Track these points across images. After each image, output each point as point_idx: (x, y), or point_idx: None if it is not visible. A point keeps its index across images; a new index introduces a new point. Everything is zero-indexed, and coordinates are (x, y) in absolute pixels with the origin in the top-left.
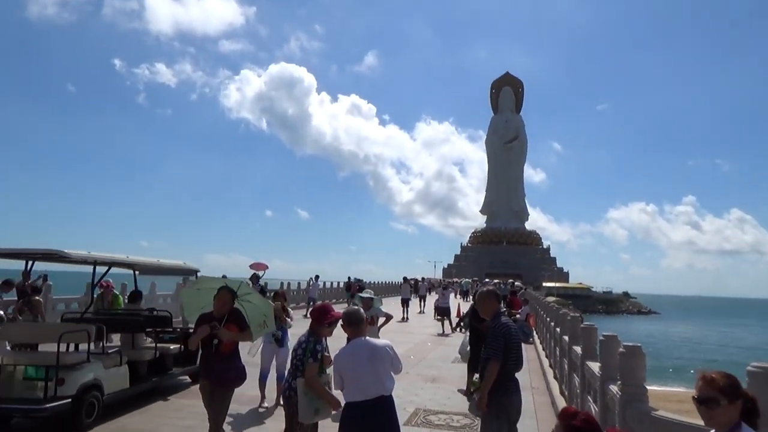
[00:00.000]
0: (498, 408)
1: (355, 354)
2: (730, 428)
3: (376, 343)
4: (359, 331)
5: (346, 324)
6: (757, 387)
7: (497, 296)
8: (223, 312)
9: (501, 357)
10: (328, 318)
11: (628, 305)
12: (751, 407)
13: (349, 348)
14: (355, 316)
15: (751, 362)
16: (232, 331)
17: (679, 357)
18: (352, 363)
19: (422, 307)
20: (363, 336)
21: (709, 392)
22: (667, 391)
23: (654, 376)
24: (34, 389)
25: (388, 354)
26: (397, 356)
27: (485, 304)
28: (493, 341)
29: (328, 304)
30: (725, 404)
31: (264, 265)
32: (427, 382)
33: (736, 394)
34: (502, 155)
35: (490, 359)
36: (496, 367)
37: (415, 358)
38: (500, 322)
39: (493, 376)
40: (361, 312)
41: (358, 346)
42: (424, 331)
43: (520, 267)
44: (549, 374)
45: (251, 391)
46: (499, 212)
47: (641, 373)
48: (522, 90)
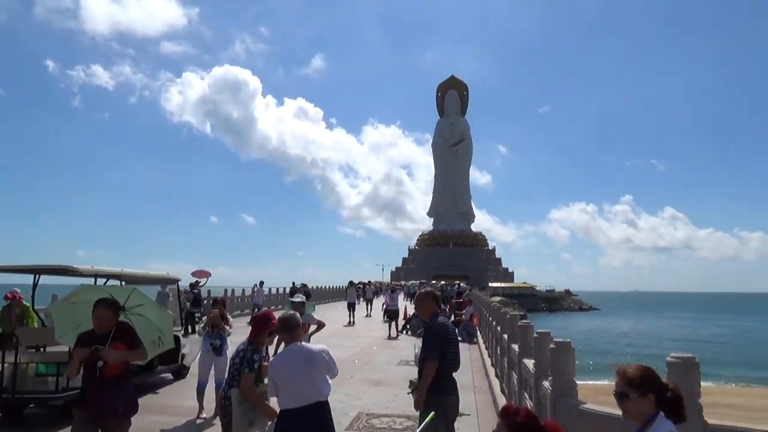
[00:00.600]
0: (435, 407)
1: (290, 360)
2: (645, 421)
3: (312, 349)
4: (295, 337)
5: (280, 329)
6: (676, 376)
7: (435, 297)
8: (106, 328)
9: (438, 356)
10: (269, 327)
11: (570, 302)
12: (671, 397)
13: (283, 354)
14: (291, 321)
15: (671, 353)
16: (120, 351)
17: (618, 351)
18: (287, 369)
19: (369, 311)
20: (299, 341)
21: (621, 386)
22: (606, 385)
23: (595, 370)
24: (45, 383)
25: (324, 359)
26: (333, 361)
27: (423, 306)
28: (430, 341)
29: (270, 312)
30: (635, 397)
31: (206, 273)
32: (371, 385)
33: (648, 387)
34: (448, 158)
35: (428, 359)
36: (434, 366)
37: (360, 362)
38: (437, 321)
39: (430, 375)
40: (297, 317)
41: (293, 351)
42: (370, 335)
43: (467, 268)
44: (491, 373)
45: (189, 402)
46: (446, 215)
47: (571, 368)
48: (467, 93)
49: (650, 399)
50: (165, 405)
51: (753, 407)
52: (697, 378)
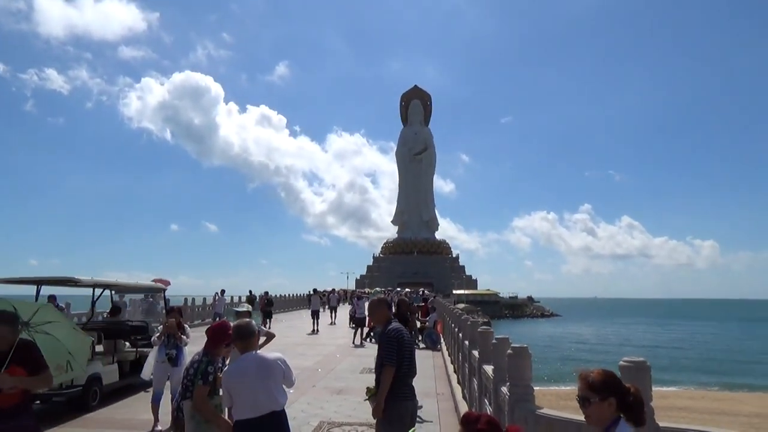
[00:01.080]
0: (392, 414)
1: (245, 369)
2: (607, 425)
3: (267, 357)
4: (249, 346)
5: (235, 337)
6: (628, 379)
7: (387, 304)
8: (3, 348)
9: (395, 362)
10: (226, 338)
11: (533, 309)
12: (632, 401)
13: (238, 364)
14: (245, 330)
15: (624, 357)
16: (18, 375)
17: (579, 357)
18: (242, 379)
19: (333, 319)
20: (254, 350)
21: (583, 390)
22: (568, 390)
23: (557, 376)
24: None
25: (280, 368)
26: (290, 369)
27: (376, 312)
28: (386, 347)
29: (226, 321)
30: (596, 401)
31: (165, 282)
32: (334, 394)
33: (609, 391)
34: (412, 167)
35: (385, 365)
36: (391, 373)
37: (323, 370)
38: (392, 327)
39: (388, 381)
40: (252, 324)
41: (248, 360)
42: (334, 343)
43: (431, 276)
44: (453, 379)
45: (143, 415)
46: (410, 223)
47: (528, 373)
48: (430, 103)
49: (612, 403)
50: (117, 419)
51: (707, 410)
52: (649, 381)
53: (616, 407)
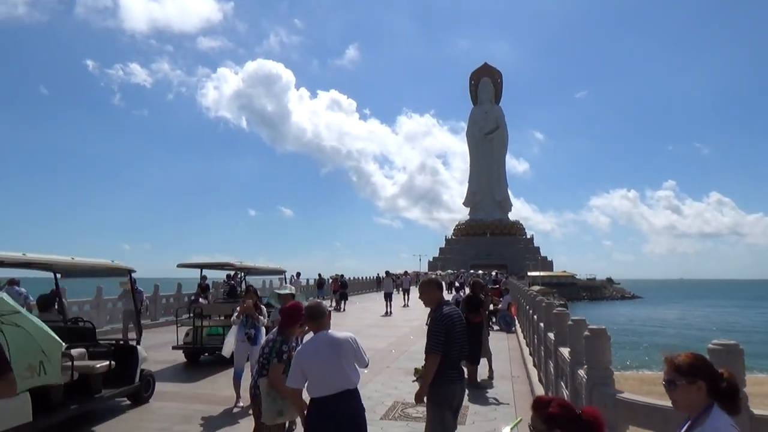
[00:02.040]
0: (438, 396)
1: (317, 348)
2: (699, 411)
3: (339, 336)
4: (321, 325)
5: (307, 318)
6: (718, 364)
7: (438, 285)
8: None
9: (441, 349)
10: (299, 318)
11: (612, 291)
12: (725, 386)
13: (311, 343)
14: (317, 310)
15: (713, 340)
16: None
17: (663, 342)
18: (315, 358)
19: (406, 301)
20: (326, 329)
21: (669, 373)
22: (652, 375)
23: (640, 360)
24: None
25: (351, 347)
26: (361, 349)
27: (427, 294)
28: (433, 334)
29: (299, 303)
30: (683, 384)
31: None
32: (408, 375)
33: (696, 374)
34: (483, 146)
35: (429, 353)
36: (436, 360)
37: (397, 351)
38: (442, 312)
39: (432, 369)
40: (323, 305)
41: (320, 340)
42: (408, 324)
43: (505, 258)
44: (529, 362)
45: (226, 391)
46: (482, 204)
47: (606, 356)
48: (501, 80)
49: (701, 387)
50: (201, 393)
51: None
52: (742, 366)
53: (707, 392)
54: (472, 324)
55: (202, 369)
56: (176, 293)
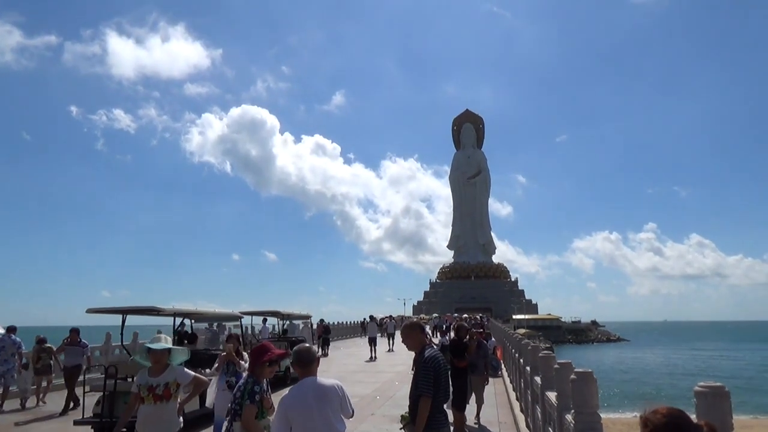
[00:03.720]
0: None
1: (302, 395)
2: None
3: (325, 384)
4: (309, 371)
5: (295, 363)
6: (705, 407)
7: (421, 328)
8: None
9: (432, 392)
10: (266, 356)
11: (597, 334)
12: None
13: (296, 389)
14: (305, 355)
15: (699, 382)
16: None
17: (650, 383)
18: (300, 405)
19: (391, 346)
20: (314, 375)
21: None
22: None
23: (627, 404)
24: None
25: (337, 395)
26: (347, 398)
27: (410, 338)
28: (423, 377)
29: (268, 342)
30: None
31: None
32: (393, 422)
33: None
34: (466, 190)
35: (422, 396)
36: (428, 403)
37: (382, 397)
38: (427, 356)
39: (425, 412)
40: (313, 350)
41: (306, 386)
42: (392, 370)
43: (490, 300)
44: (516, 407)
45: None
46: (466, 247)
47: (594, 400)
48: (482, 126)
49: None
50: None
51: None
52: (728, 409)
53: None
54: (458, 369)
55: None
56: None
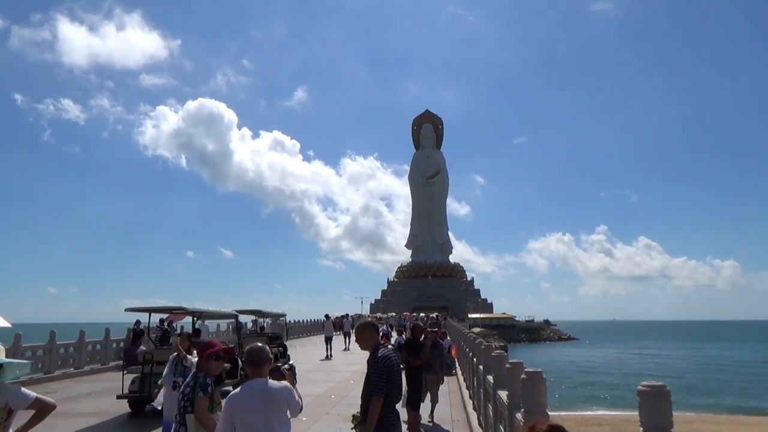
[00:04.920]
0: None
1: (248, 396)
2: None
3: (273, 386)
4: (259, 372)
5: (245, 362)
6: (647, 405)
7: (375, 328)
8: None
9: (384, 391)
10: (209, 352)
11: (550, 333)
12: None
13: (244, 390)
14: (256, 355)
15: (642, 382)
16: None
17: (598, 382)
18: (243, 406)
19: (347, 344)
20: (263, 377)
21: None
22: (588, 416)
23: (577, 401)
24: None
25: (284, 397)
26: (295, 399)
27: (364, 337)
28: (376, 376)
29: (215, 339)
30: None
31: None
32: (347, 421)
33: None
34: (425, 190)
35: (374, 396)
36: (380, 403)
37: (337, 396)
38: (380, 355)
39: (376, 412)
40: (265, 349)
41: (252, 387)
42: (348, 369)
43: (446, 300)
44: (469, 405)
45: None
46: (424, 246)
47: (543, 399)
48: (442, 126)
49: None
50: None
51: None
52: (669, 407)
53: None
54: (412, 367)
55: (139, 422)
56: (104, 339)
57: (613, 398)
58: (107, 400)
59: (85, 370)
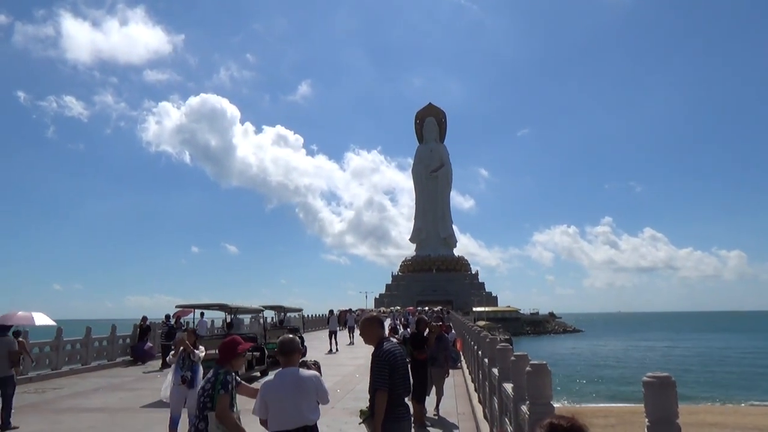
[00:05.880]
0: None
1: (281, 384)
2: None
3: (303, 375)
4: (290, 361)
5: (278, 352)
6: (653, 396)
7: (380, 322)
8: None
9: (387, 385)
10: (240, 349)
11: (554, 325)
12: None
13: (277, 377)
14: (288, 345)
15: (648, 373)
16: None
17: (603, 374)
18: (277, 393)
19: (352, 338)
20: (294, 366)
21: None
22: (593, 408)
23: (581, 393)
24: None
25: (313, 384)
26: (324, 387)
27: (368, 331)
28: (378, 371)
29: (237, 336)
30: None
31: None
32: (353, 415)
33: None
34: (429, 184)
35: (377, 390)
36: (384, 397)
37: (342, 391)
38: (383, 349)
39: (382, 407)
40: (296, 340)
41: (285, 375)
42: (353, 363)
43: (450, 293)
44: (474, 398)
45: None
46: (428, 240)
47: (548, 391)
48: (445, 120)
49: None
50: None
51: (738, 425)
52: (674, 398)
53: None
54: (417, 361)
55: (137, 414)
56: (111, 335)
57: (618, 390)
58: (114, 396)
59: (92, 366)
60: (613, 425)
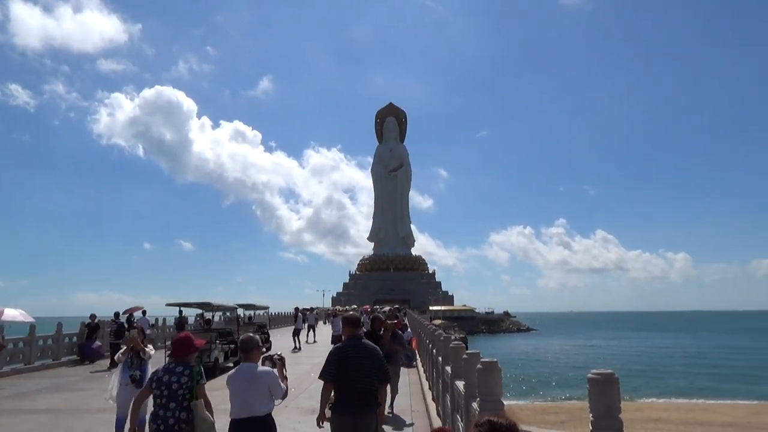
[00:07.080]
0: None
1: (238, 376)
2: None
3: (258, 370)
4: (249, 357)
5: (240, 349)
6: (597, 392)
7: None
8: None
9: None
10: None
11: (509, 324)
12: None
13: (236, 370)
14: (247, 343)
15: (593, 370)
16: None
17: (555, 372)
18: (234, 384)
19: (313, 337)
20: (254, 361)
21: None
22: (545, 405)
23: (533, 390)
24: None
25: (265, 380)
26: (277, 383)
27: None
28: (325, 364)
29: (188, 333)
30: None
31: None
32: (306, 414)
33: None
34: (388, 183)
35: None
36: (326, 388)
37: (297, 390)
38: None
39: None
40: (255, 338)
41: (242, 369)
42: (310, 362)
43: (408, 292)
44: (428, 396)
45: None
46: (386, 239)
47: (498, 389)
48: (405, 120)
49: None
50: None
51: (681, 420)
52: (617, 395)
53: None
54: None
55: (82, 416)
56: (56, 334)
57: (568, 387)
58: (59, 396)
59: (35, 365)
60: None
